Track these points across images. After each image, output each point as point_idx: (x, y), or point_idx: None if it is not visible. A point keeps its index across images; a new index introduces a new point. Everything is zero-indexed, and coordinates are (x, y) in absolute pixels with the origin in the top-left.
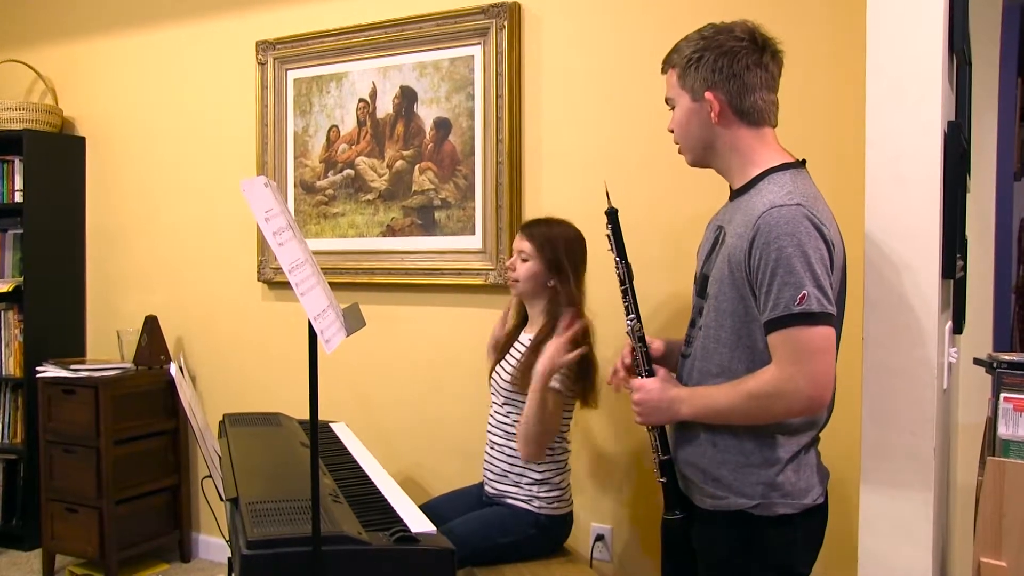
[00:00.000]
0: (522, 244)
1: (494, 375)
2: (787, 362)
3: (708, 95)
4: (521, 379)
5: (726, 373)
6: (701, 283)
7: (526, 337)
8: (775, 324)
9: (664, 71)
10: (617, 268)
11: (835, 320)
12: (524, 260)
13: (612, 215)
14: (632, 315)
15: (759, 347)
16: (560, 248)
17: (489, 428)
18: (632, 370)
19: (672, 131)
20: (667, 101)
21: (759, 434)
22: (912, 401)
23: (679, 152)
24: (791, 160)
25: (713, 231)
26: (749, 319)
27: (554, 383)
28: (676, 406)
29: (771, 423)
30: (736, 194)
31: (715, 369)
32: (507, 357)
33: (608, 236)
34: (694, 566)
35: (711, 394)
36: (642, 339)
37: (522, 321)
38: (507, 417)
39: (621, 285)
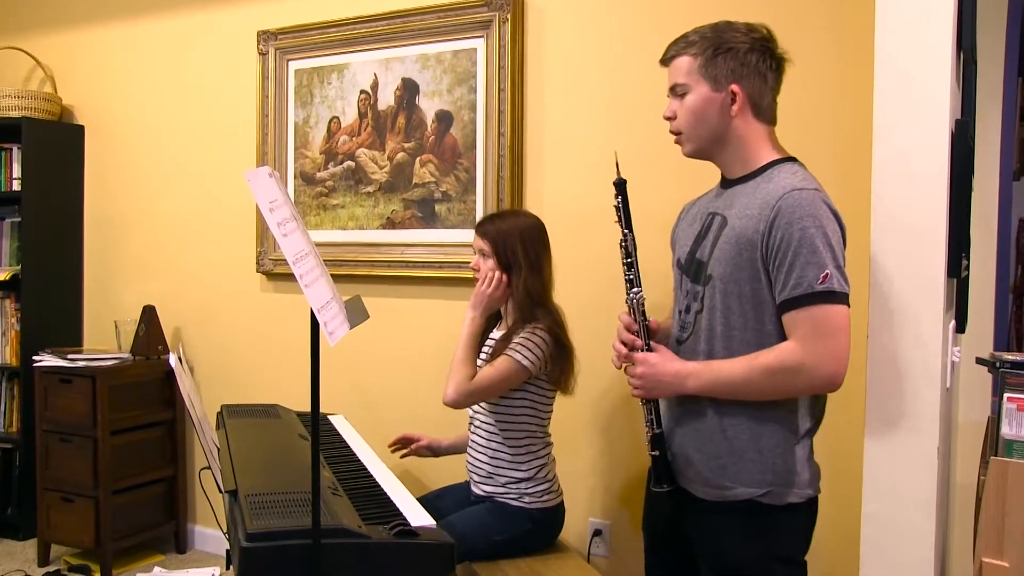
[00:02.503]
0: (480, 243)
1: None
2: (810, 338)
3: (734, 87)
4: None
5: (734, 354)
6: (696, 268)
7: (498, 334)
8: (797, 302)
9: (672, 58)
10: (623, 240)
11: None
12: (485, 258)
13: (620, 186)
14: (637, 288)
15: (767, 329)
16: (516, 240)
17: (471, 429)
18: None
19: (670, 118)
20: (674, 88)
21: (770, 421)
22: (916, 400)
23: (676, 141)
24: (791, 156)
25: (701, 218)
26: (758, 301)
27: (512, 352)
28: (682, 379)
29: (785, 400)
30: (735, 182)
31: (722, 351)
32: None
33: (616, 207)
34: (680, 549)
35: (723, 367)
36: (644, 313)
37: (492, 319)
38: (488, 417)
39: (627, 258)
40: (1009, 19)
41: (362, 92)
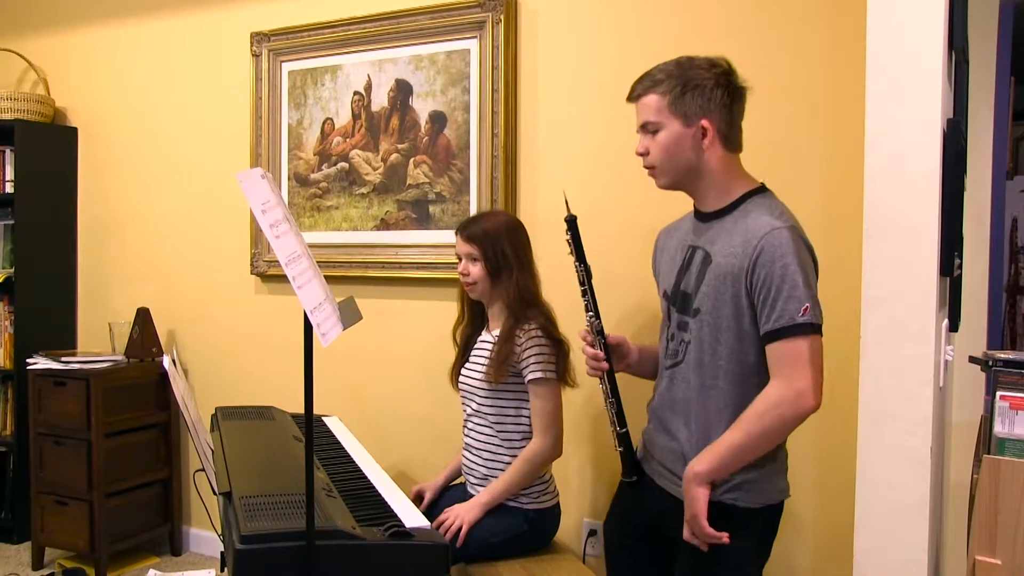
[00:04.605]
0: (465, 247)
1: (463, 380)
2: (790, 371)
3: (704, 122)
4: (496, 371)
5: (720, 381)
6: (682, 299)
7: (490, 335)
8: (780, 333)
9: (640, 96)
10: (577, 271)
11: None
12: (474, 261)
13: (571, 222)
14: (591, 312)
15: (749, 359)
16: (505, 240)
17: (465, 432)
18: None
19: (643, 154)
20: (645, 125)
21: None
22: (909, 399)
23: (651, 175)
24: (759, 184)
25: (683, 251)
26: (740, 333)
27: (538, 374)
28: (688, 478)
29: (782, 436)
30: (712, 216)
31: (709, 380)
32: (472, 360)
33: (568, 241)
34: (652, 546)
35: (721, 441)
36: (600, 332)
37: (476, 321)
38: (484, 418)
39: (581, 286)
40: (1001, 18)
41: (355, 93)
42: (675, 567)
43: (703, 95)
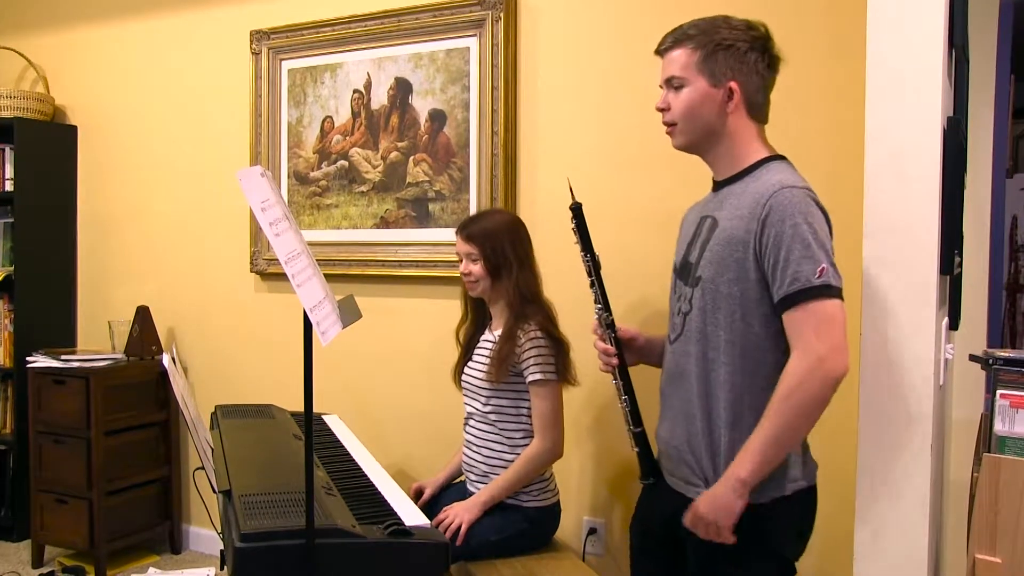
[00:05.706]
0: (465, 247)
1: (466, 378)
2: (811, 338)
3: (732, 84)
4: (496, 370)
5: (721, 354)
6: (687, 271)
7: (492, 335)
8: (797, 298)
9: (669, 49)
10: (584, 262)
11: None
12: (474, 261)
13: (576, 210)
14: (599, 304)
15: (754, 329)
16: (504, 239)
17: (466, 428)
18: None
19: (664, 109)
20: (670, 80)
21: (747, 430)
22: (909, 397)
23: (668, 132)
24: (778, 154)
25: (694, 222)
26: (744, 301)
27: (538, 375)
28: (730, 485)
29: (820, 411)
30: (726, 183)
31: (710, 352)
32: (475, 358)
33: (573, 230)
34: (671, 551)
35: (755, 437)
36: (611, 325)
37: (479, 320)
38: (484, 415)
39: (588, 277)
40: (1001, 16)
41: (355, 91)
42: (686, 568)
43: (735, 56)
